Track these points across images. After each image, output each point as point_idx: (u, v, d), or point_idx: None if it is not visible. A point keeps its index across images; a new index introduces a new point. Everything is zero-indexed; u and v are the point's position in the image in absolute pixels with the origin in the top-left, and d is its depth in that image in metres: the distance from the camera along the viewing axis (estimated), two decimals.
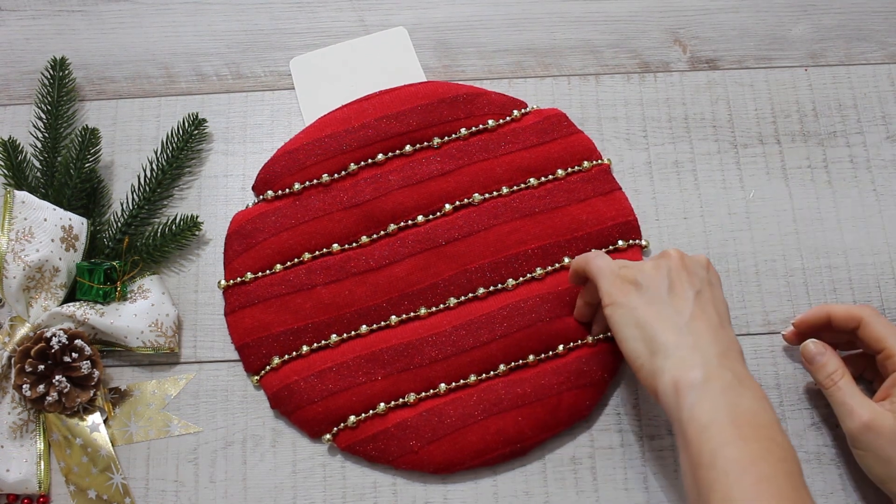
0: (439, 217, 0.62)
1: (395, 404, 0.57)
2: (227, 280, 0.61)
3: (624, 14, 0.69)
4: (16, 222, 0.58)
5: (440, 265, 0.60)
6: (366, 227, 0.62)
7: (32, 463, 0.57)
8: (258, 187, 0.63)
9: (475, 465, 0.56)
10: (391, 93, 0.64)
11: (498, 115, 0.64)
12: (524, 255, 0.60)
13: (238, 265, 0.61)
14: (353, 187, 0.62)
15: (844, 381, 0.53)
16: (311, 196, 0.62)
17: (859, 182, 0.64)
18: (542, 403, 0.57)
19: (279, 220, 0.61)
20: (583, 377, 0.57)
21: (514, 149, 0.63)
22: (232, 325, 0.60)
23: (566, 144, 0.64)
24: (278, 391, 0.58)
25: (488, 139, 0.63)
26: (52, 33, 0.69)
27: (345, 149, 0.63)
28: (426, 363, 0.58)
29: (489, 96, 0.65)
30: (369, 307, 0.60)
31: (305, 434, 0.58)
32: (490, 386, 0.57)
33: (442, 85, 0.65)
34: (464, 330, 0.59)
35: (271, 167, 0.63)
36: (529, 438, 0.56)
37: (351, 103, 0.65)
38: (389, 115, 0.63)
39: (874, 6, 0.69)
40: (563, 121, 0.64)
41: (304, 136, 0.63)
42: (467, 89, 0.65)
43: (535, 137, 0.64)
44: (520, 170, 0.63)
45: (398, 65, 0.67)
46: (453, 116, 0.64)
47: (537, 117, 0.64)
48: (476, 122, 0.64)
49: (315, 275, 0.60)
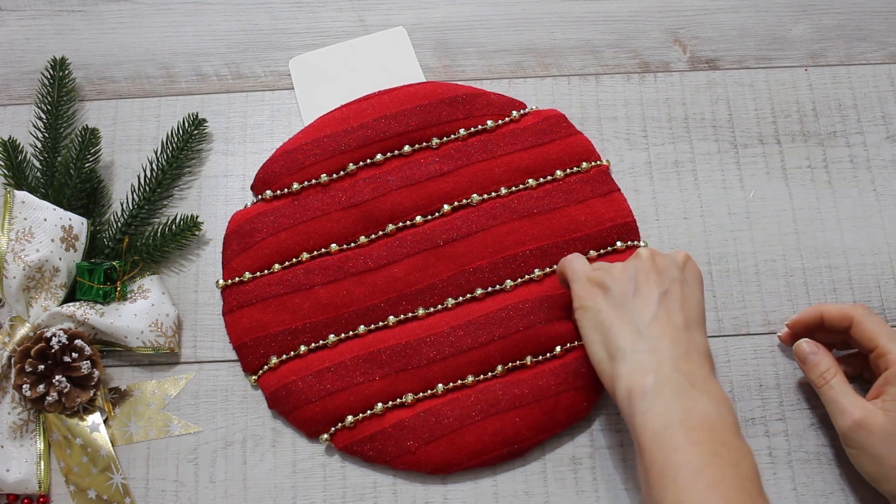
0: (438, 218, 0.62)
1: (393, 404, 0.57)
2: (226, 279, 0.61)
3: (624, 14, 0.69)
4: (16, 222, 0.58)
5: (438, 266, 0.60)
6: (364, 227, 0.62)
7: (32, 463, 0.57)
8: (257, 187, 0.63)
9: (473, 465, 0.56)
10: (390, 93, 0.64)
11: (497, 115, 0.64)
12: (522, 255, 0.60)
13: (236, 265, 0.61)
14: (351, 187, 0.62)
15: (836, 380, 0.53)
16: (310, 196, 0.62)
17: (859, 182, 0.64)
18: (539, 405, 0.57)
19: (278, 219, 0.61)
20: (580, 378, 0.57)
21: (512, 149, 0.63)
22: (230, 325, 0.60)
23: (565, 145, 0.63)
24: (276, 391, 0.58)
25: (487, 140, 0.63)
26: (52, 33, 0.69)
27: (343, 149, 0.63)
28: (424, 364, 0.58)
29: (488, 97, 0.65)
30: (367, 307, 0.60)
31: (303, 434, 0.58)
32: (488, 387, 0.58)
33: (441, 85, 0.65)
34: (462, 331, 0.59)
35: (270, 167, 0.63)
36: (527, 439, 0.56)
37: (350, 103, 0.65)
38: (388, 116, 0.63)
39: (874, 6, 0.69)
40: (561, 122, 0.64)
41: (303, 136, 0.63)
42: (466, 90, 0.65)
43: (533, 138, 0.64)
44: (518, 170, 0.63)
45: (397, 65, 0.67)
46: (452, 117, 0.64)
47: (536, 118, 0.64)
48: (475, 123, 0.64)
49: (313, 275, 0.60)
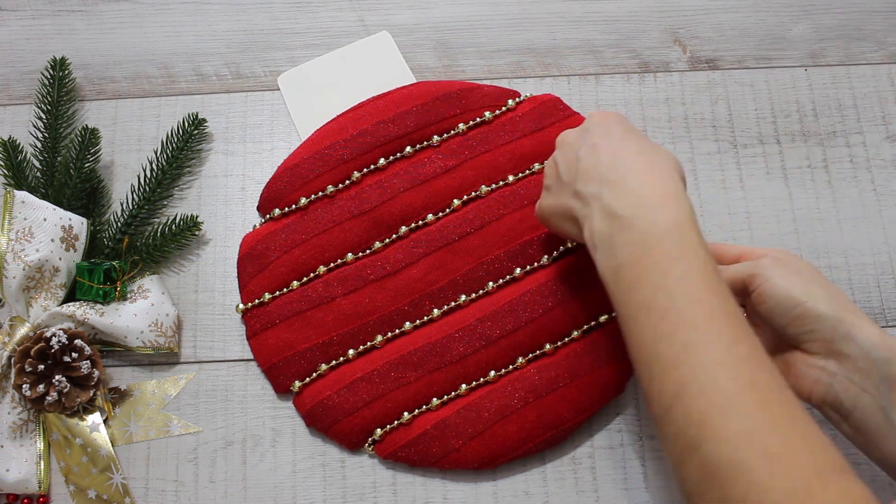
0: (449, 214, 0.62)
1: (429, 406, 0.57)
2: (245, 303, 0.60)
3: (624, 14, 0.69)
4: (16, 222, 0.58)
5: (457, 261, 0.60)
6: (377, 232, 0.61)
7: (32, 463, 0.57)
8: (263, 207, 0.63)
9: (519, 455, 0.56)
10: (385, 97, 0.64)
11: (493, 106, 0.65)
12: (539, 240, 0.61)
13: (254, 287, 0.60)
14: (358, 195, 0.62)
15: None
16: (318, 209, 0.62)
17: (859, 182, 0.64)
18: (576, 384, 0.57)
19: (289, 236, 0.61)
20: (613, 352, 0.57)
21: (513, 137, 0.63)
22: (256, 349, 0.59)
23: (564, 127, 0.64)
24: (312, 409, 0.58)
25: (487, 131, 0.64)
26: (52, 33, 0.69)
27: (346, 158, 0.63)
28: (456, 360, 0.58)
29: (482, 89, 0.65)
30: (391, 312, 0.60)
31: (345, 448, 0.58)
32: (522, 374, 0.58)
33: (434, 84, 0.65)
34: (489, 321, 0.59)
35: (274, 185, 0.62)
36: (568, 421, 0.56)
37: (346, 112, 0.64)
38: (386, 120, 0.63)
39: (874, 6, 0.69)
40: (558, 105, 0.65)
41: (304, 151, 0.63)
42: (460, 85, 0.65)
43: (532, 124, 0.64)
44: (522, 157, 0.63)
45: (386, 70, 0.67)
46: (450, 113, 0.64)
47: (532, 104, 0.65)
48: (473, 116, 0.64)
49: (333, 287, 0.60)
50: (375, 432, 0.57)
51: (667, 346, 0.41)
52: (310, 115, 0.66)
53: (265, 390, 0.59)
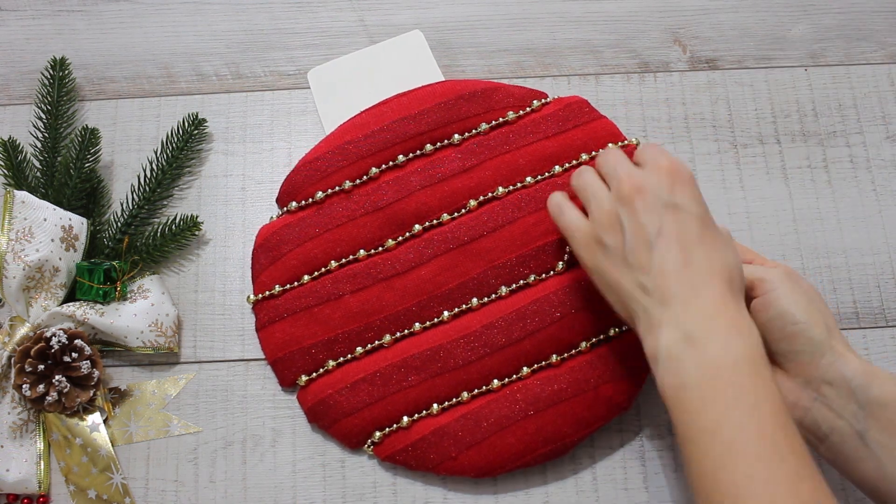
0: (464, 214, 0.61)
1: (432, 411, 0.57)
2: (256, 294, 0.60)
3: (624, 14, 0.69)
4: (16, 222, 0.58)
5: (467, 263, 0.60)
6: (391, 230, 0.61)
7: (32, 463, 0.57)
8: (282, 199, 0.63)
9: (516, 466, 0.56)
10: (409, 94, 0.64)
11: (517, 106, 0.63)
12: (552, 245, 0.60)
13: (266, 278, 0.60)
14: (375, 191, 0.61)
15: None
16: (334, 203, 0.61)
17: (859, 182, 0.64)
18: (578, 399, 0.56)
19: (303, 230, 0.61)
20: (619, 368, 0.57)
21: (535, 139, 0.62)
22: (264, 341, 0.59)
23: (588, 130, 0.62)
24: (314, 406, 0.58)
25: (509, 132, 0.63)
26: (52, 33, 0.69)
27: (365, 153, 0.62)
28: (459, 366, 0.57)
29: (508, 89, 0.64)
30: (398, 312, 0.59)
31: (345, 446, 0.58)
32: (524, 385, 0.57)
33: (459, 82, 0.64)
34: (495, 328, 0.58)
35: (293, 178, 0.62)
36: (569, 436, 0.56)
37: (369, 108, 0.64)
38: (408, 117, 0.63)
39: (874, 6, 0.69)
40: (584, 107, 0.63)
41: (325, 146, 0.63)
42: (485, 84, 0.64)
43: (556, 125, 0.63)
44: (542, 159, 0.62)
45: (416, 68, 0.67)
46: (472, 112, 0.63)
47: (558, 105, 0.63)
48: (496, 116, 0.63)
49: (342, 284, 0.60)
50: (374, 434, 0.57)
51: (729, 474, 0.42)
52: (337, 111, 0.65)
53: (265, 390, 0.59)
